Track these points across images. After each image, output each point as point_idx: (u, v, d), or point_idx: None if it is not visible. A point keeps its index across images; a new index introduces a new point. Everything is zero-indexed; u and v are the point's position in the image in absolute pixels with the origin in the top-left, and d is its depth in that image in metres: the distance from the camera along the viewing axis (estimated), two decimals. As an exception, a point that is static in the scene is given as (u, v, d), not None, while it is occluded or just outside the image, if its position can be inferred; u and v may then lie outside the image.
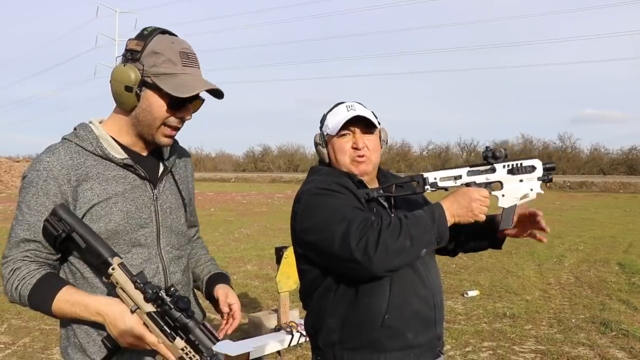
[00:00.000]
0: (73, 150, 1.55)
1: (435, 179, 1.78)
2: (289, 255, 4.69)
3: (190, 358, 1.42)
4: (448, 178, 1.79)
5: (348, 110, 1.84)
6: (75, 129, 1.61)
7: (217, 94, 1.61)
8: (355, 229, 1.62)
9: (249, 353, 4.36)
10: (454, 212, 1.66)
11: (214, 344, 1.44)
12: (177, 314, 1.42)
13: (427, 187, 1.79)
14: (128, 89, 1.51)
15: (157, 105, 1.54)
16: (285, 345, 4.64)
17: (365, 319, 1.75)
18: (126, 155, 1.59)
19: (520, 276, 7.88)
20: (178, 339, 1.43)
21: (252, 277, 7.88)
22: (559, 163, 54.80)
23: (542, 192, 1.77)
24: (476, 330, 5.28)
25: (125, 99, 1.54)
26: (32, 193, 1.51)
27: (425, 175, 1.78)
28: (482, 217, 1.69)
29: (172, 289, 1.44)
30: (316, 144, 1.94)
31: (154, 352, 1.47)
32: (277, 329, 4.84)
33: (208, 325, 1.46)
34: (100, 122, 1.63)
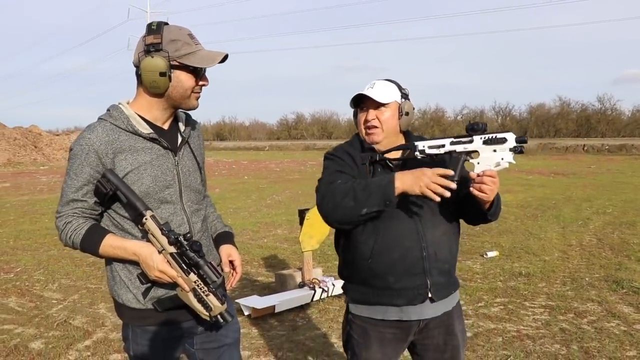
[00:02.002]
0: (108, 128, 1.90)
1: (424, 147, 2.05)
2: (311, 217, 5.02)
3: (200, 288, 1.85)
4: (434, 146, 2.05)
5: (367, 88, 2.17)
6: (108, 110, 1.97)
7: (221, 61, 1.95)
8: (324, 187, 2.10)
9: (274, 307, 4.76)
10: (403, 181, 1.94)
11: (218, 278, 1.86)
12: (192, 254, 1.83)
13: (417, 153, 2.06)
14: (162, 74, 1.85)
15: (186, 79, 1.90)
16: (308, 300, 5.02)
17: (356, 261, 2.16)
18: (151, 130, 1.94)
19: (542, 238, 8.07)
20: (192, 274, 1.85)
21: (281, 241, 8.28)
22: (598, 126, 53.50)
23: (514, 162, 1.96)
24: (490, 287, 5.56)
25: (161, 83, 1.87)
26: (78, 163, 1.88)
27: (417, 143, 2.07)
28: (430, 193, 1.89)
29: (188, 234, 1.85)
30: (353, 116, 2.31)
31: (175, 285, 1.88)
32: (301, 285, 5.21)
33: (214, 264, 1.88)
34: (127, 103, 1.99)
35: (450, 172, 1.92)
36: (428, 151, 2.04)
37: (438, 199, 1.90)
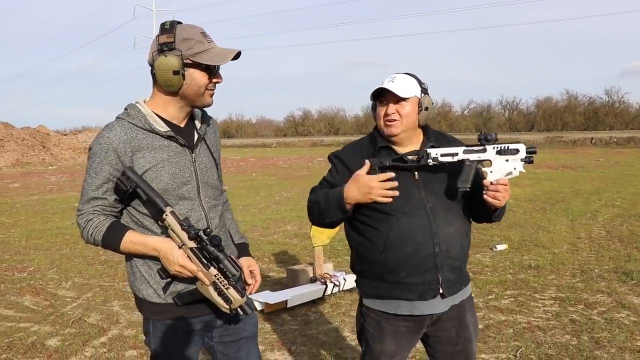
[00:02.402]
0: (126, 126, 1.94)
1: (436, 154, 2.10)
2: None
3: (220, 282, 1.90)
4: (447, 154, 2.10)
5: (387, 82, 2.19)
6: (126, 109, 2.01)
7: (234, 57, 1.98)
8: (310, 193, 2.30)
9: (286, 301, 4.81)
10: (349, 196, 2.10)
11: (238, 272, 1.91)
12: (212, 249, 1.88)
13: (430, 160, 2.10)
14: (176, 72, 1.89)
15: (199, 77, 1.93)
16: (320, 295, 5.06)
17: (368, 255, 2.21)
18: (168, 128, 1.98)
19: (551, 231, 8.08)
20: (212, 268, 1.89)
21: (291, 237, 8.33)
22: (606, 118, 53.28)
23: (524, 171, 2.08)
24: (500, 280, 5.59)
25: (175, 82, 1.91)
26: (97, 162, 1.92)
27: (429, 151, 2.10)
28: (380, 199, 2.06)
29: (208, 229, 1.89)
30: (372, 109, 2.34)
31: (195, 279, 1.93)
32: (313, 280, 5.26)
33: (234, 258, 1.93)
34: (144, 102, 2.03)
35: (392, 175, 2.05)
36: (441, 159, 2.10)
37: (389, 200, 2.05)
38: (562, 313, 4.59)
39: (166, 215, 1.88)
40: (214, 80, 1.99)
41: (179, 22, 1.95)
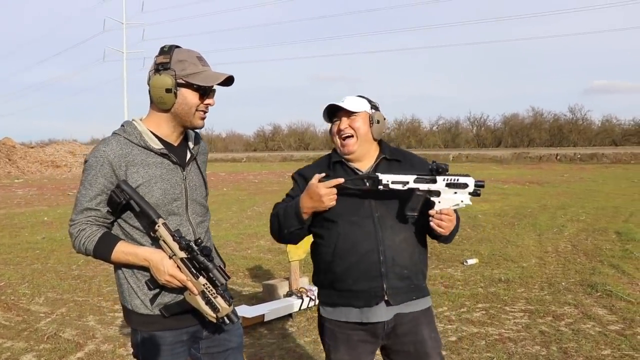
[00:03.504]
0: (122, 142, 2.03)
1: (387, 181, 2.17)
2: (298, 228, 5.14)
3: (209, 290, 1.97)
4: (398, 182, 2.18)
5: (338, 102, 2.30)
6: (122, 125, 2.11)
7: (229, 81, 2.07)
8: (272, 210, 2.40)
9: (264, 315, 4.86)
10: (304, 205, 2.20)
11: (226, 280, 2.00)
12: (202, 259, 1.96)
13: (380, 186, 2.17)
14: (168, 90, 1.99)
15: (190, 97, 2.03)
16: (296, 309, 5.13)
17: (320, 265, 2.35)
18: (162, 146, 2.07)
19: (520, 245, 8.30)
20: (201, 277, 1.97)
21: (265, 251, 8.37)
22: (569, 135, 54.72)
23: (471, 203, 2.21)
24: (472, 293, 5.74)
25: (167, 99, 2.01)
26: (92, 174, 2.00)
27: (380, 177, 2.17)
28: (333, 203, 2.17)
29: (199, 240, 1.98)
30: (330, 134, 2.44)
31: (183, 290, 2.01)
32: (289, 294, 5.33)
33: (223, 268, 2.02)
34: (140, 119, 2.12)
35: (341, 181, 2.16)
36: (392, 186, 2.18)
37: (333, 203, 2.17)
38: (531, 325, 4.75)
39: (158, 226, 1.96)
40: (206, 102, 2.07)
41: (178, 47, 2.06)
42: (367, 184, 2.21)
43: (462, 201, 2.18)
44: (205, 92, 2.05)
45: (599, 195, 15.49)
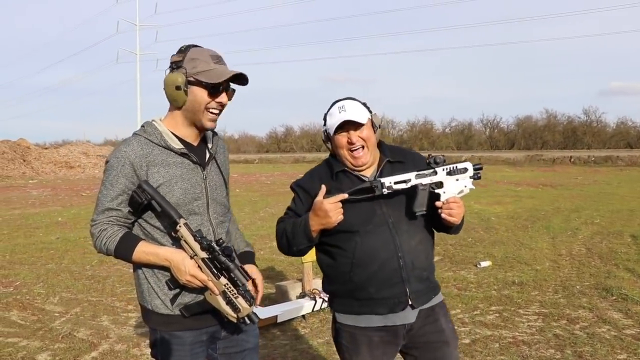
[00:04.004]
0: (143, 142, 2.05)
1: (390, 182, 2.16)
2: (311, 229, 5.15)
3: (230, 291, 1.97)
4: (400, 182, 2.18)
5: (340, 112, 2.23)
6: (143, 126, 2.12)
7: (242, 80, 2.07)
8: (276, 224, 2.39)
9: (276, 317, 4.87)
10: (312, 223, 2.16)
11: (247, 280, 2.00)
12: (223, 259, 1.96)
13: (385, 190, 2.15)
14: (178, 88, 2.00)
15: (200, 95, 2.03)
16: (309, 310, 5.14)
17: (337, 275, 2.30)
18: (182, 146, 2.08)
19: (533, 248, 8.25)
20: (222, 278, 1.97)
21: (277, 253, 8.26)
22: (584, 137, 54.25)
23: (474, 187, 2.22)
24: (485, 296, 5.71)
25: (178, 97, 2.03)
26: (114, 174, 2.01)
27: (382, 180, 2.16)
28: (340, 218, 2.13)
29: (220, 240, 1.99)
30: (323, 140, 2.41)
31: (203, 290, 2.01)
32: (302, 295, 5.33)
33: (244, 268, 2.02)
34: (160, 120, 2.14)
35: (345, 196, 2.13)
36: (395, 187, 2.17)
37: (340, 217, 2.12)
38: (545, 328, 4.72)
39: (180, 226, 1.97)
40: (217, 99, 2.06)
41: (195, 46, 2.08)
42: (375, 191, 2.18)
43: (465, 186, 2.20)
44: (215, 90, 2.04)
45: (614, 198, 15.34)
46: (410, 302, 2.22)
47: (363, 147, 2.25)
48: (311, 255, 5.29)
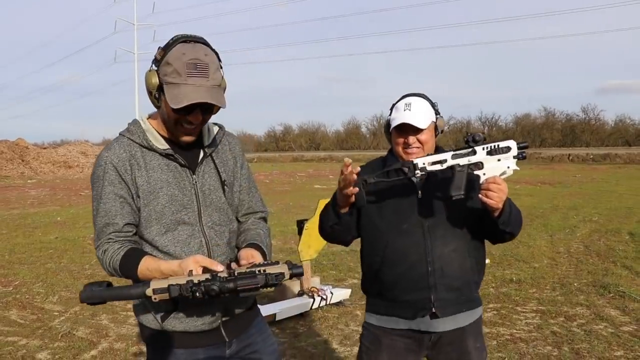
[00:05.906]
0: (125, 143, 1.84)
1: (424, 163, 1.98)
2: (310, 227, 5.18)
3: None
4: (436, 162, 1.99)
5: (404, 110, 2.11)
6: (128, 124, 1.90)
7: (209, 107, 1.79)
8: None
9: (275, 315, 4.88)
10: (338, 194, 2.04)
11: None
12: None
13: (418, 171, 1.98)
14: (149, 92, 1.79)
15: (169, 109, 1.76)
16: (307, 308, 5.15)
17: (367, 273, 2.27)
18: (167, 146, 1.85)
19: (532, 246, 8.27)
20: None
21: (276, 251, 8.39)
22: (582, 135, 54.30)
23: (518, 168, 1.97)
24: (483, 294, 5.72)
25: (151, 100, 1.81)
26: (101, 185, 1.82)
27: (415, 161, 1.98)
28: (352, 190, 1.93)
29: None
30: (384, 129, 2.31)
31: (200, 313, 1.86)
32: (300, 294, 5.34)
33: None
34: (148, 118, 1.92)
35: (358, 169, 1.95)
36: (429, 168, 2.00)
37: (355, 192, 1.94)
38: (543, 325, 4.74)
39: (154, 298, 1.71)
40: (188, 117, 1.78)
41: (185, 41, 1.75)
42: (407, 174, 2.00)
43: (508, 167, 1.96)
44: (179, 111, 1.75)
45: (612, 195, 15.38)
46: (433, 310, 2.11)
47: (418, 148, 2.13)
48: (309, 253, 5.36)
